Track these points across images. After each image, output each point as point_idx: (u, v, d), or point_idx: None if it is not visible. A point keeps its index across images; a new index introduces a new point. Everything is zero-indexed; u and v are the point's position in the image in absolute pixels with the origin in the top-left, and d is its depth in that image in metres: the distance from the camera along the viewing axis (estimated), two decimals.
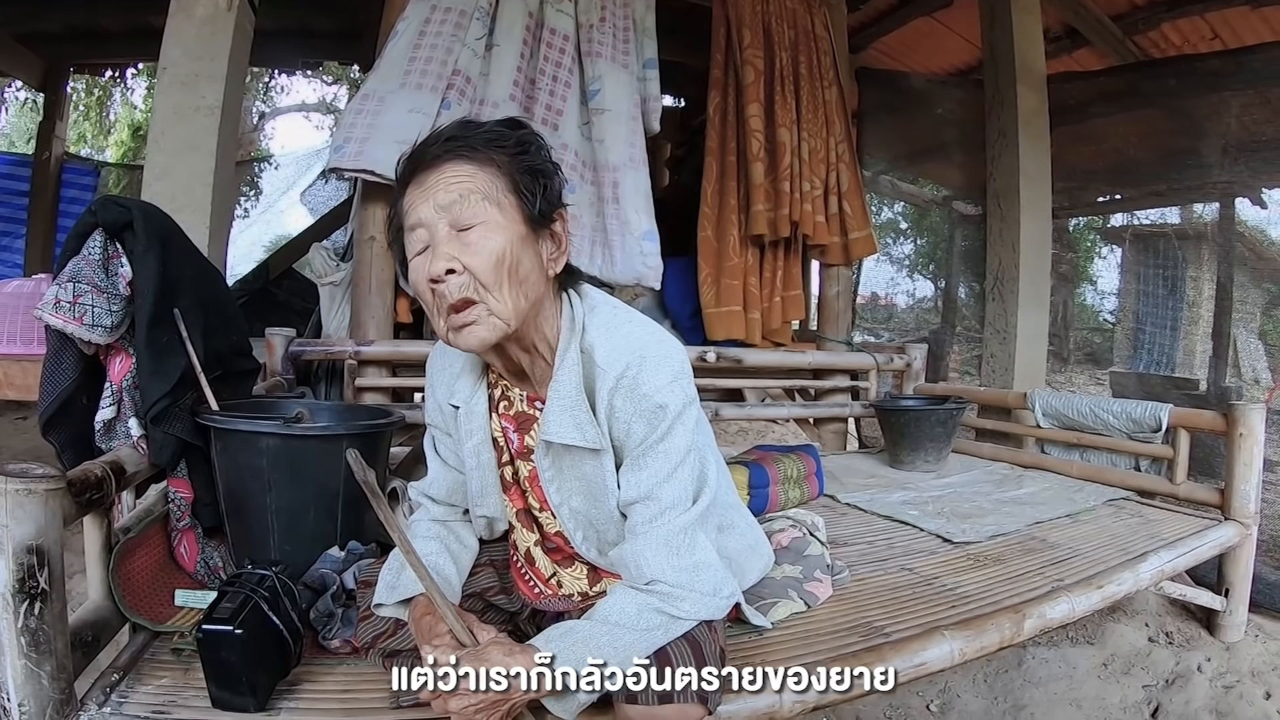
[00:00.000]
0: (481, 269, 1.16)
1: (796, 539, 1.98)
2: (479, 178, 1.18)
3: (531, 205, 1.20)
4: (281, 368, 2.78)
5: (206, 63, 3.02)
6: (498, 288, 1.17)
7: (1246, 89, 3.98)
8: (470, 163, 1.19)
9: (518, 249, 1.18)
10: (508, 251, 1.17)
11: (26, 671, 1.16)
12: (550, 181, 1.24)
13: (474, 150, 1.19)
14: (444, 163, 1.19)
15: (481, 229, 1.17)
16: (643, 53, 3.53)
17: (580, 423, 1.25)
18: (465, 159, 1.19)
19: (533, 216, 1.20)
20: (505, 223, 1.18)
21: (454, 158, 1.19)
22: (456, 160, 1.19)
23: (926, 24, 5.41)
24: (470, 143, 1.20)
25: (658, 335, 1.31)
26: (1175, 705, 2.33)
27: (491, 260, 1.16)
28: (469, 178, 1.18)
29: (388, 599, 1.36)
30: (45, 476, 1.18)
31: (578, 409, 1.25)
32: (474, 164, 1.19)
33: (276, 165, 10.67)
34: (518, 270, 1.18)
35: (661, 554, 1.23)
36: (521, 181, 1.20)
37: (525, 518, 1.46)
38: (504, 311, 1.18)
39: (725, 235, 3.74)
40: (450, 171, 1.18)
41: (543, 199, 1.21)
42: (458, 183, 1.18)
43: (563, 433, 1.26)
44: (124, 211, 1.68)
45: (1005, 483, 3.13)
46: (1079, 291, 9.35)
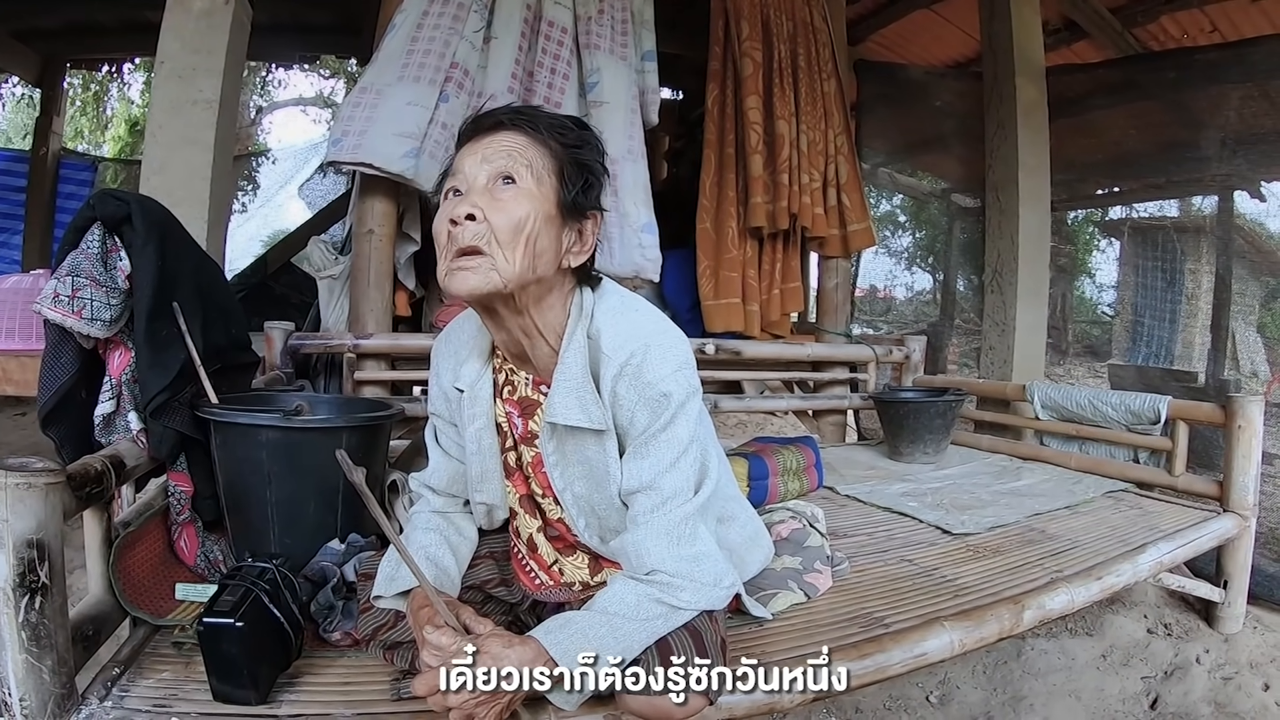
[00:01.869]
0: (502, 226, 1.19)
1: (796, 530, 1.98)
2: (531, 150, 1.24)
3: (568, 193, 1.25)
4: (280, 361, 2.78)
5: (204, 56, 3.02)
6: (510, 247, 1.19)
7: (1245, 82, 3.98)
8: (527, 136, 1.24)
9: (541, 223, 1.22)
10: (530, 220, 1.20)
11: (27, 666, 1.16)
12: (594, 180, 1.29)
13: (535, 128, 1.25)
14: (504, 129, 1.25)
15: (515, 191, 1.21)
16: (641, 45, 3.53)
17: (585, 404, 1.27)
18: (524, 131, 1.25)
19: (565, 203, 1.24)
20: (540, 196, 1.22)
21: (514, 127, 1.25)
22: (516, 130, 1.25)
23: (925, 16, 5.41)
24: (535, 120, 1.26)
25: (663, 325, 1.33)
26: (1174, 697, 2.34)
27: (513, 220, 1.19)
28: (522, 147, 1.23)
29: (386, 591, 1.36)
30: (45, 471, 1.18)
31: (583, 390, 1.27)
32: (530, 138, 1.24)
33: (274, 159, 10.64)
34: (534, 241, 1.21)
35: (662, 544, 1.24)
36: (567, 170, 1.25)
37: (528, 504, 1.46)
38: (505, 270, 1.19)
39: (724, 228, 3.74)
40: (507, 137, 1.24)
41: (580, 192, 1.26)
42: (509, 148, 1.23)
43: (568, 414, 1.27)
44: (122, 205, 1.68)
45: (1004, 474, 3.13)
46: (1077, 284, 9.35)
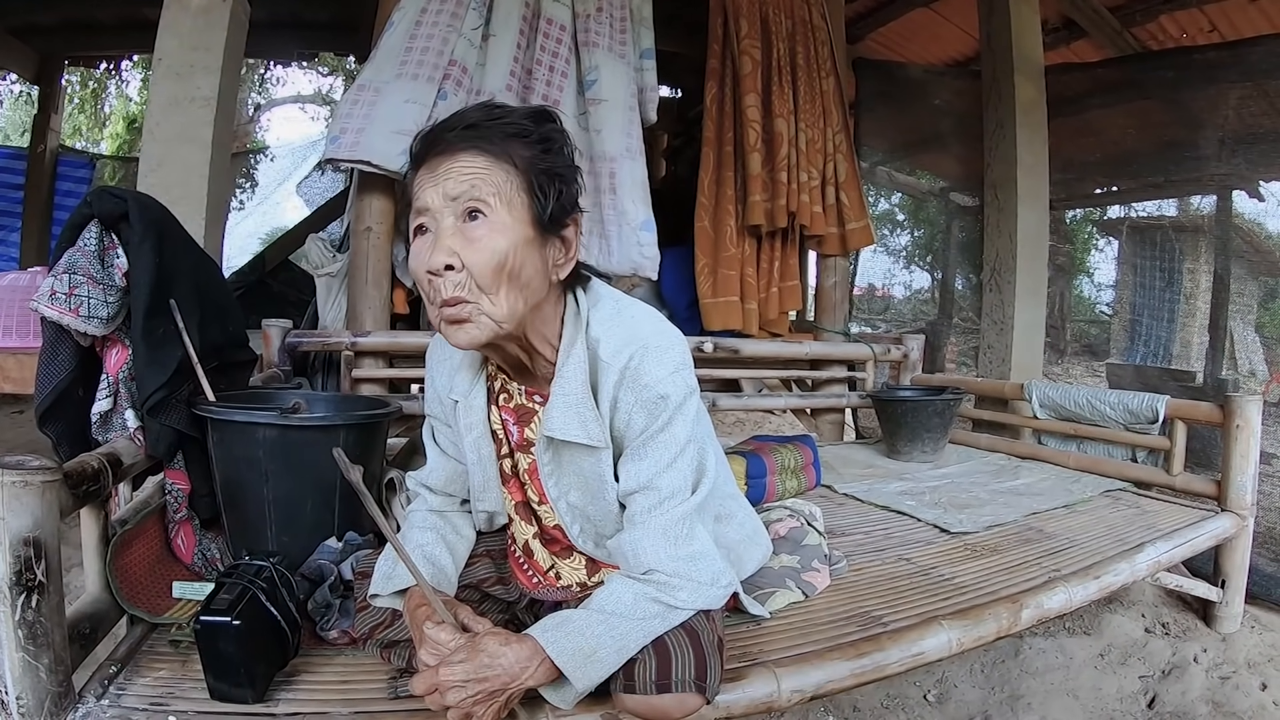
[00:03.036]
0: (480, 269, 1.11)
1: (794, 529, 1.98)
2: (493, 173, 1.13)
3: (543, 208, 1.15)
4: (278, 359, 2.78)
5: (201, 54, 3.02)
6: (495, 290, 1.12)
7: (1244, 81, 3.98)
8: (486, 155, 1.13)
9: (522, 252, 1.14)
10: (510, 254, 1.12)
11: (24, 664, 1.15)
12: (567, 185, 1.19)
13: (492, 142, 1.14)
14: (460, 151, 1.13)
15: (487, 226, 1.12)
16: (640, 43, 3.52)
17: (585, 420, 1.24)
18: (482, 150, 1.13)
19: (542, 220, 1.16)
20: (512, 223, 1.13)
21: (470, 148, 1.13)
22: (473, 151, 1.13)
23: (924, 14, 5.41)
24: (490, 134, 1.14)
25: (660, 326, 1.29)
26: (1171, 696, 2.34)
27: (493, 262, 1.11)
28: (484, 171, 1.13)
29: (383, 589, 1.35)
30: (42, 469, 1.17)
31: (584, 406, 1.23)
32: (490, 157, 1.13)
33: (272, 157, 10.64)
34: (519, 275, 1.14)
35: (659, 543, 1.23)
36: (537, 181, 1.15)
37: (524, 510, 1.45)
38: (498, 314, 1.14)
39: (722, 226, 3.73)
40: (465, 161, 1.13)
41: (556, 203, 1.17)
42: (470, 175, 1.12)
43: (567, 430, 1.24)
44: (119, 202, 1.67)
45: (1002, 473, 3.13)
46: (1076, 283, 9.37)
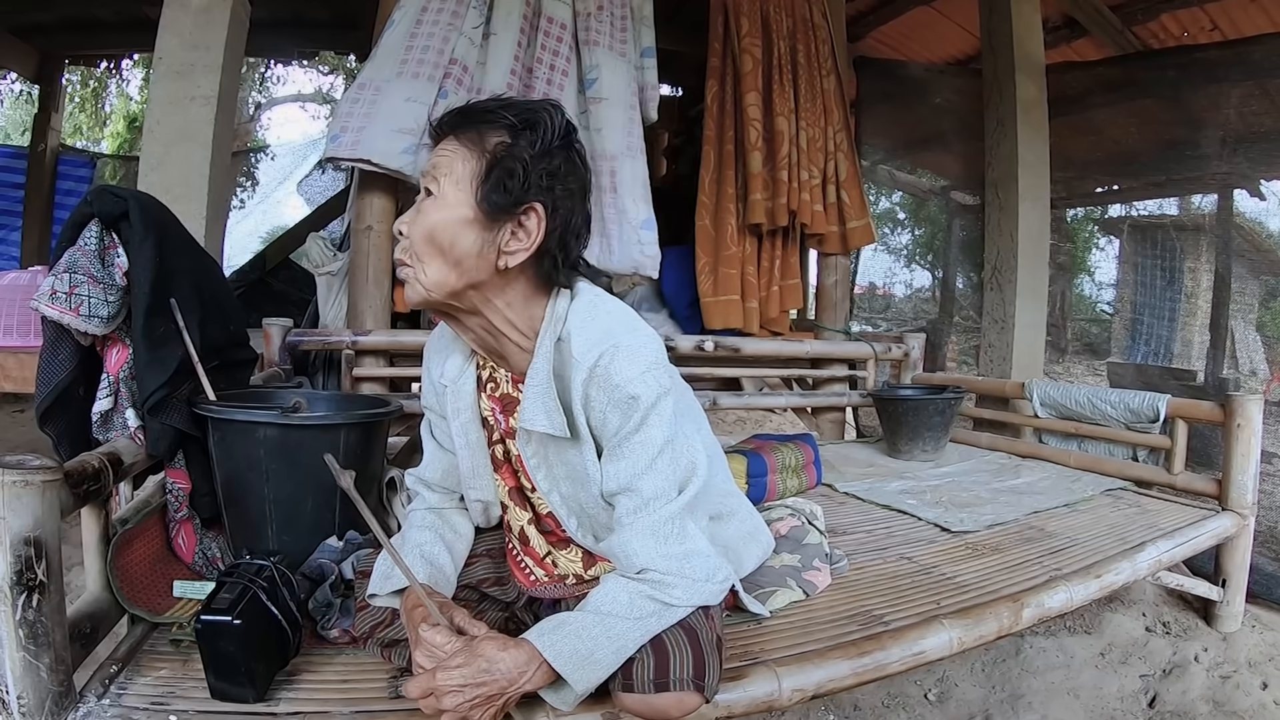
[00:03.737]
0: (415, 239, 1.23)
1: (795, 528, 1.98)
2: (454, 156, 1.23)
3: (488, 192, 1.21)
4: (279, 358, 2.78)
5: (202, 52, 3.02)
6: (425, 258, 1.23)
7: (1245, 80, 3.98)
8: (454, 140, 1.25)
9: (455, 229, 1.21)
10: (441, 228, 1.21)
11: (25, 664, 1.15)
12: (510, 176, 1.21)
13: (464, 128, 1.25)
14: (442, 136, 1.27)
15: (430, 203, 1.23)
16: (640, 41, 3.52)
17: (549, 410, 1.26)
18: (455, 136, 1.25)
19: (486, 203, 1.21)
20: (453, 202, 1.22)
21: (448, 133, 1.26)
22: (449, 136, 1.26)
23: (925, 13, 5.40)
24: (466, 120, 1.26)
25: (632, 325, 1.30)
26: (1172, 695, 2.34)
27: (423, 232, 1.22)
28: (449, 154, 1.24)
29: (381, 589, 1.35)
30: (42, 468, 1.18)
31: (546, 396, 1.26)
32: (456, 141, 1.24)
33: (273, 156, 10.67)
34: (451, 249, 1.22)
35: (649, 543, 1.23)
36: (492, 167, 1.21)
37: (518, 496, 1.46)
38: (425, 280, 1.23)
39: (723, 224, 3.73)
40: (441, 145, 1.26)
41: (497, 190, 1.20)
42: (438, 158, 1.25)
43: (535, 420, 1.27)
44: (120, 201, 1.67)
45: (1003, 472, 3.13)
46: (1077, 282, 9.37)
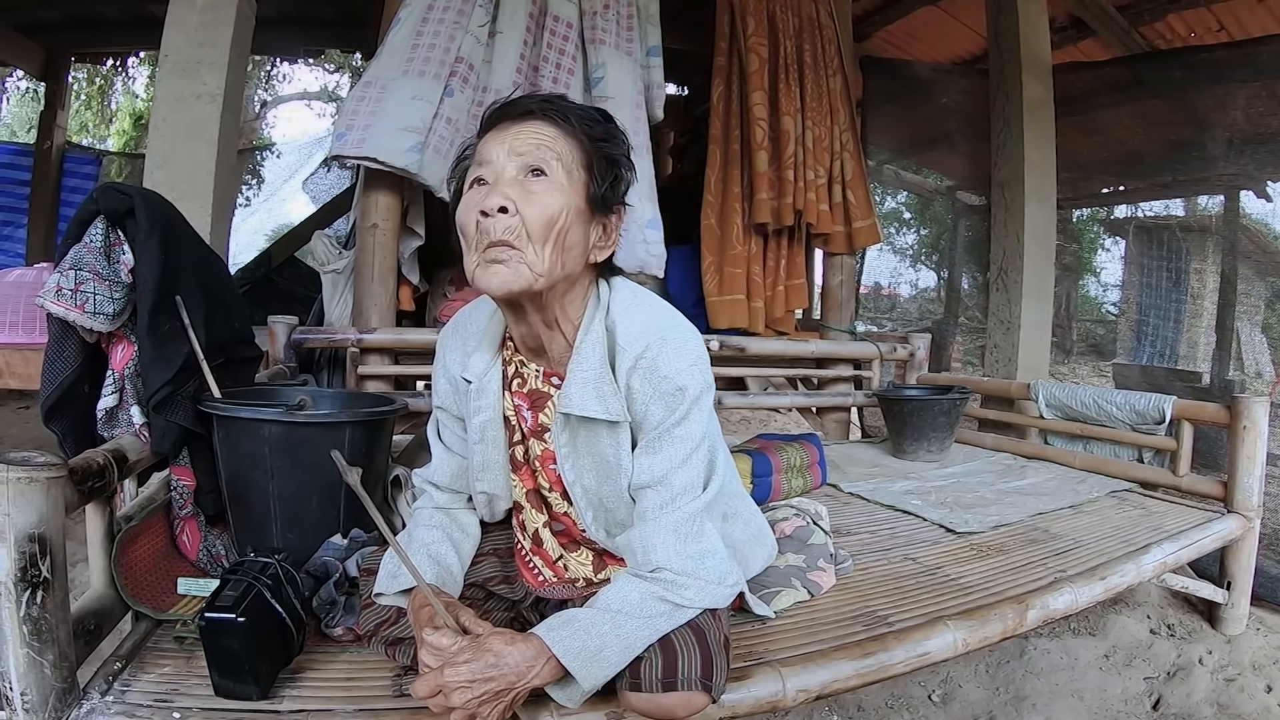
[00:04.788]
0: (534, 219, 1.18)
1: (800, 528, 1.98)
2: (561, 141, 1.22)
3: (598, 187, 1.24)
4: (284, 355, 2.78)
5: (208, 50, 3.02)
6: (541, 243, 1.18)
7: (1252, 81, 3.98)
8: (557, 127, 1.23)
9: (572, 218, 1.21)
10: (562, 215, 1.19)
11: (29, 660, 1.15)
12: (620, 175, 1.28)
13: (565, 118, 1.24)
14: (534, 118, 1.23)
15: (547, 184, 1.20)
16: (646, 40, 3.51)
17: (604, 395, 1.26)
18: (554, 122, 1.23)
19: (595, 197, 1.24)
20: (570, 190, 1.21)
21: (544, 117, 1.23)
22: (546, 120, 1.23)
23: (931, 13, 5.40)
24: (564, 111, 1.24)
25: (677, 319, 1.33)
26: (1176, 697, 2.33)
27: (547, 214, 1.18)
28: (552, 138, 1.22)
29: (388, 589, 1.36)
30: (47, 465, 1.18)
31: (602, 381, 1.26)
32: (560, 129, 1.23)
33: (278, 153, 10.67)
34: (564, 237, 1.20)
35: (670, 540, 1.24)
36: (596, 164, 1.24)
37: (535, 498, 1.46)
38: (537, 266, 1.18)
39: (729, 224, 3.73)
40: (536, 127, 1.22)
41: (609, 186, 1.25)
42: (539, 138, 1.21)
43: (585, 405, 1.26)
44: (125, 199, 1.67)
45: (1008, 473, 3.12)
46: (1082, 283, 9.36)
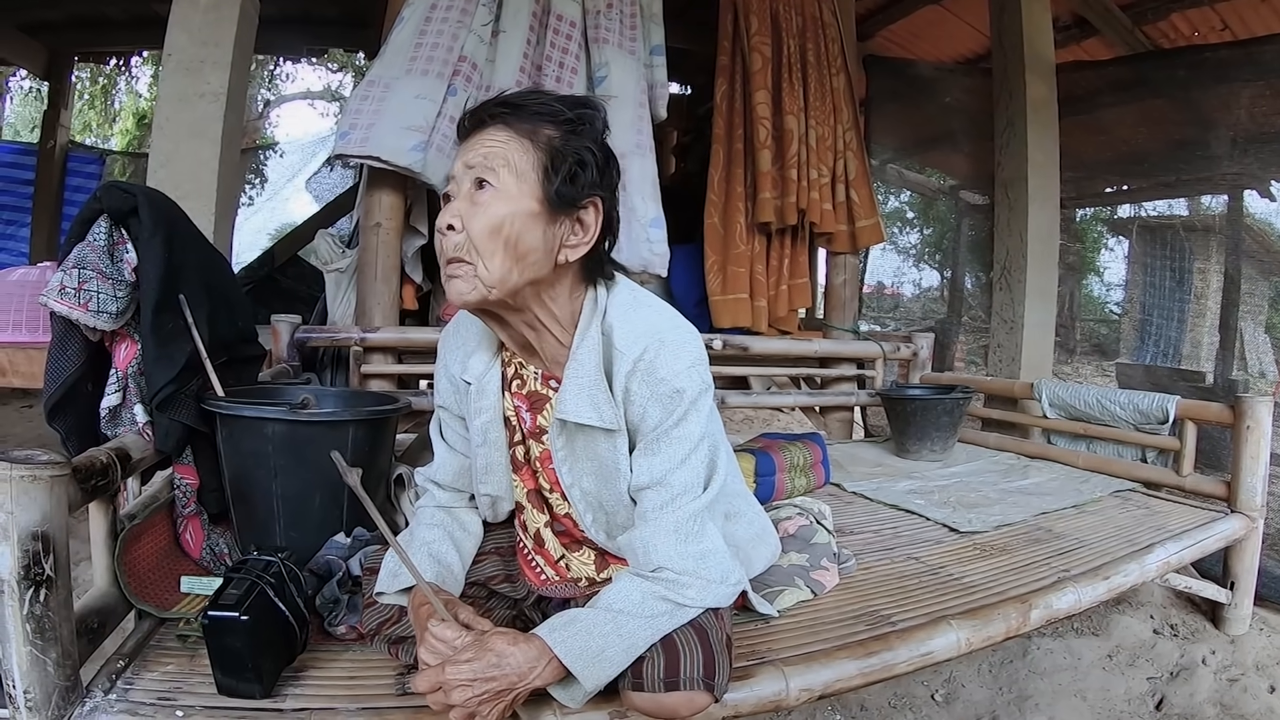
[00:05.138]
0: (476, 233, 1.17)
1: (803, 527, 1.98)
2: (510, 146, 1.20)
3: (551, 185, 1.20)
4: (287, 354, 2.78)
5: (211, 49, 3.02)
6: (489, 255, 1.17)
7: (1256, 80, 3.97)
8: (507, 130, 1.21)
9: (520, 223, 1.18)
10: (507, 223, 1.18)
11: (32, 658, 1.15)
12: (584, 168, 1.23)
13: (518, 120, 1.22)
14: (488, 126, 1.23)
15: (491, 194, 1.18)
16: (649, 39, 3.51)
17: (598, 403, 1.25)
18: (505, 125, 1.21)
19: (550, 196, 1.20)
20: (517, 195, 1.19)
21: (496, 122, 1.22)
22: (496, 125, 1.22)
23: (935, 12, 5.39)
24: (518, 112, 1.22)
25: (675, 321, 1.31)
26: (1179, 698, 2.33)
27: (487, 226, 1.17)
28: (501, 144, 1.20)
29: (389, 587, 1.36)
30: (50, 463, 1.18)
31: (596, 389, 1.25)
32: (510, 131, 1.21)
33: (281, 153, 10.66)
34: (515, 244, 1.18)
35: (670, 540, 1.24)
36: (553, 160, 1.21)
37: (536, 499, 1.45)
38: (487, 277, 1.18)
39: (732, 223, 3.73)
40: (488, 135, 1.21)
41: (566, 182, 1.21)
42: (488, 147, 1.20)
43: (580, 412, 1.26)
44: (129, 197, 1.67)
45: (1011, 473, 3.12)
46: (1086, 282, 9.35)
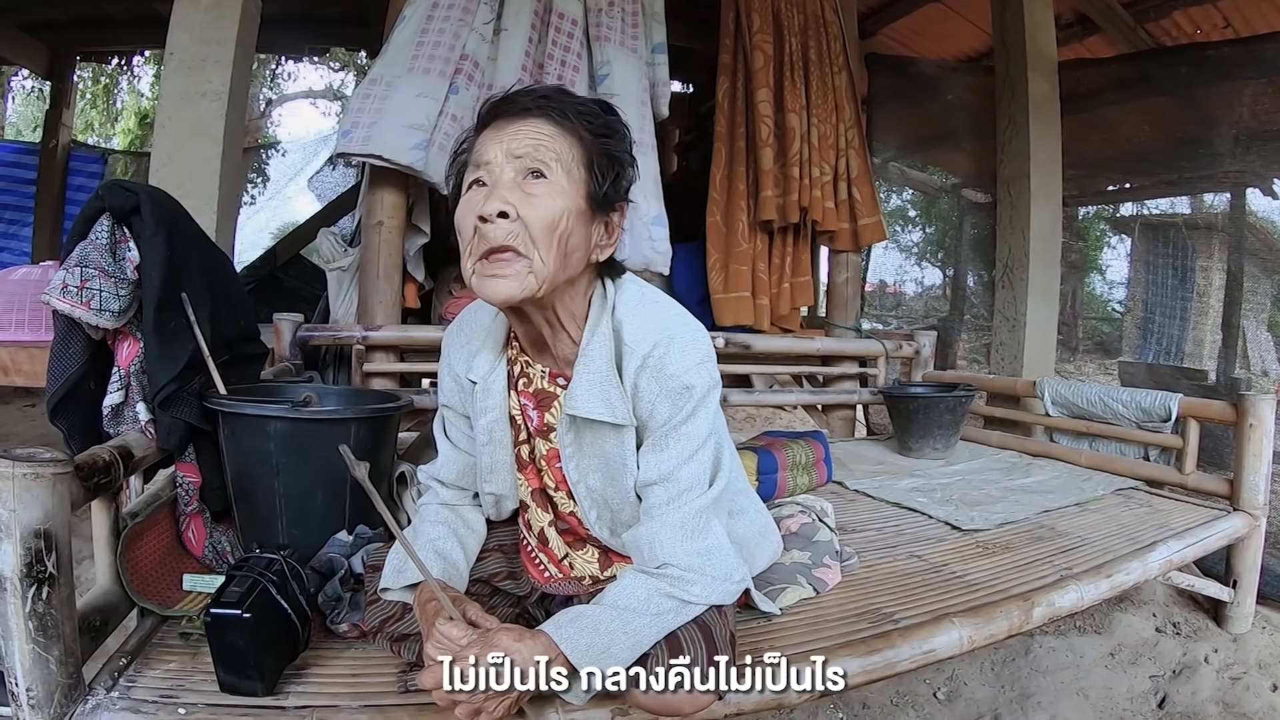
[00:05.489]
0: (537, 223, 1.15)
1: (806, 525, 1.98)
2: (559, 141, 1.19)
3: (599, 186, 1.21)
4: (289, 353, 2.78)
5: (213, 47, 3.02)
6: (545, 247, 1.16)
7: (1259, 78, 3.95)
8: (555, 125, 1.19)
9: (572, 221, 1.18)
10: (564, 218, 1.17)
11: (35, 656, 1.16)
12: (623, 171, 1.24)
13: (563, 115, 1.20)
14: (531, 116, 1.19)
15: (547, 186, 1.17)
16: (651, 37, 3.51)
17: (610, 399, 1.25)
18: (552, 120, 1.19)
19: (596, 197, 1.21)
20: (570, 191, 1.18)
21: (542, 114, 1.19)
22: (543, 118, 1.19)
23: (937, 9, 5.37)
24: (562, 107, 1.20)
25: (685, 317, 1.32)
26: (1182, 696, 2.32)
27: (548, 218, 1.16)
28: (550, 137, 1.18)
29: (394, 584, 1.35)
30: (53, 461, 1.18)
31: (608, 385, 1.25)
32: (558, 127, 1.19)
33: (284, 152, 10.65)
34: (567, 240, 1.18)
35: (676, 536, 1.24)
36: (597, 161, 1.21)
37: (540, 497, 1.45)
38: (542, 272, 1.17)
39: (734, 221, 3.72)
40: (534, 125, 1.19)
41: (610, 185, 1.22)
42: (537, 138, 1.18)
43: (591, 408, 1.25)
44: (131, 196, 1.67)
45: (1014, 471, 3.11)
46: (1088, 281, 9.34)
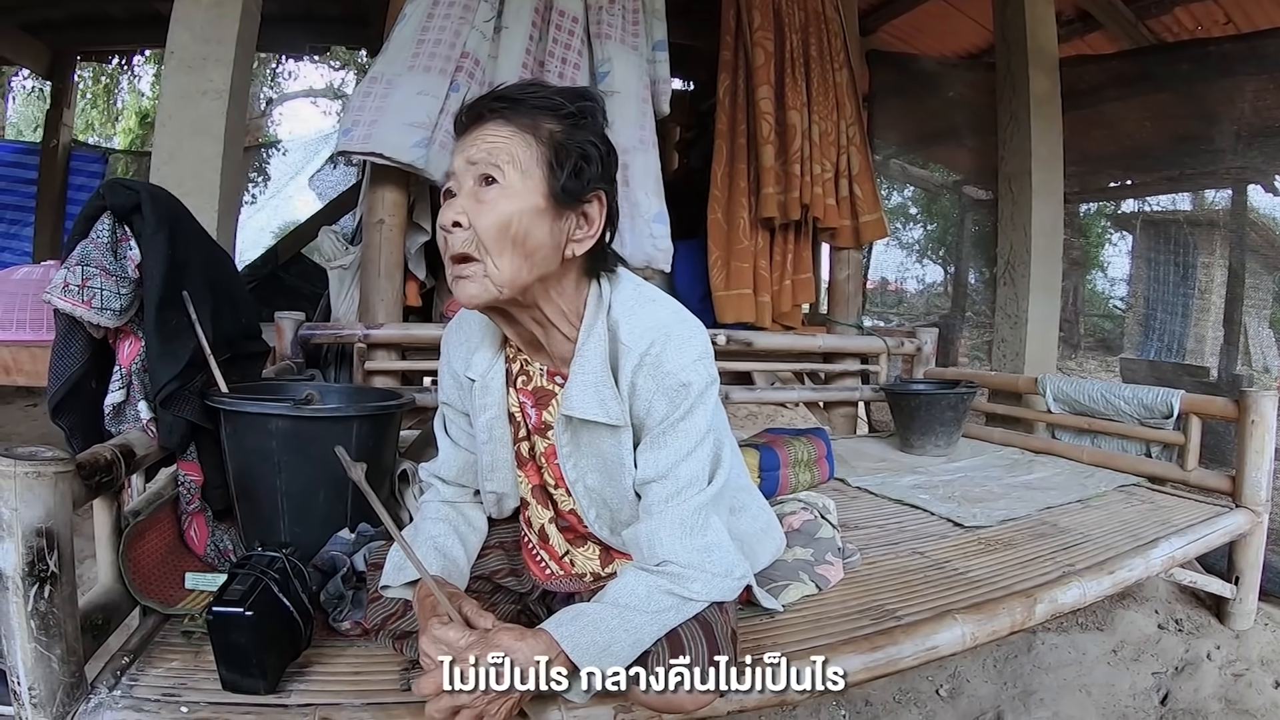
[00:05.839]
0: (484, 230, 1.16)
1: (808, 522, 1.97)
2: (513, 141, 1.19)
3: (557, 180, 1.19)
4: (291, 351, 2.78)
5: (214, 46, 3.02)
6: (498, 253, 1.17)
7: (1260, 74, 3.94)
8: (509, 125, 1.20)
9: (528, 220, 1.17)
10: (515, 220, 1.17)
11: (37, 655, 1.16)
12: (589, 162, 1.22)
13: (518, 114, 1.20)
14: (487, 121, 1.21)
15: (498, 191, 1.17)
16: (652, 35, 3.51)
17: (605, 399, 1.25)
18: (506, 120, 1.20)
19: (555, 192, 1.19)
20: (523, 191, 1.18)
21: (497, 117, 1.21)
22: (497, 121, 1.20)
23: (938, 6, 5.37)
24: (518, 106, 1.21)
25: (681, 314, 1.31)
26: (1184, 693, 2.32)
27: (497, 223, 1.16)
28: (504, 140, 1.19)
29: (394, 581, 1.35)
30: (55, 459, 1.18)
31: (603, 385, 1.25)
32: (512, 127, 1.20)
33: (284, 151, 10.66)
34: (524, 241, 1.18)
35: (675, 534, 1.23)
36: (557, 154, 1.20)
37: (540, 494, 1.45)
38: (498, 277, 1.17)
39: (735, 218, 3.72)
40: (489, 130, 1.20)
41: (572, 177, 1.20)
42: (490, 142, 1.19)
43: (586, 408, 1.25)
44: (132, 194, 1.67)
45: (1016, 467, 3.11)
46: (1089, 277, 9.33)
